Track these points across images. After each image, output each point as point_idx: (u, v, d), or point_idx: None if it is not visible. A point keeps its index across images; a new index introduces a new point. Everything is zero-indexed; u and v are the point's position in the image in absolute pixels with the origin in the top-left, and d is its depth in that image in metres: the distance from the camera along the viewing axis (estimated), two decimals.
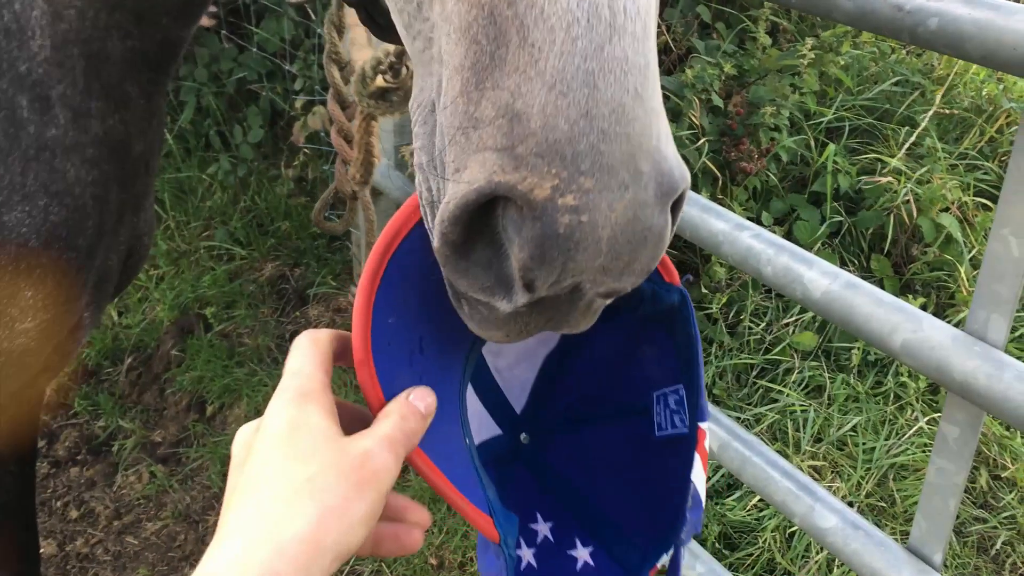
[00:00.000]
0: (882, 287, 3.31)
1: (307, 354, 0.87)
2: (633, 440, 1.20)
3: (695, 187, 3.30)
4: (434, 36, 0.79)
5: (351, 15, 2.00)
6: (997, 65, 1.48)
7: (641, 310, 1.11)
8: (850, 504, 2.89)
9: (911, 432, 3.05)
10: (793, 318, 3.29)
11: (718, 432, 2.18)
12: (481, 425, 1.19)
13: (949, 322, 3.20)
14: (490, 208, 0.74)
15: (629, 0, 0.72)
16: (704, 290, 3.33)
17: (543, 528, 1.22)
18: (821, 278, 1.84)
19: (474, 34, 0.73)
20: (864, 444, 3.03)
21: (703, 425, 1.14)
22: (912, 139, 3.52)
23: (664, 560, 1.17)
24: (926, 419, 3.07)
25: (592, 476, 1.24)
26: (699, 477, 1.14)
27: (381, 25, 1.15)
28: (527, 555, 1.18)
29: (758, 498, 2.83)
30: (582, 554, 1.21)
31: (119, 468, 3.18)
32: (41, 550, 2.60)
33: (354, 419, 0.89)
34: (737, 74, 3.60)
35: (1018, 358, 3.25)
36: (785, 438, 3.05)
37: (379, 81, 1.48)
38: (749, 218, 3.33)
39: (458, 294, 0.84)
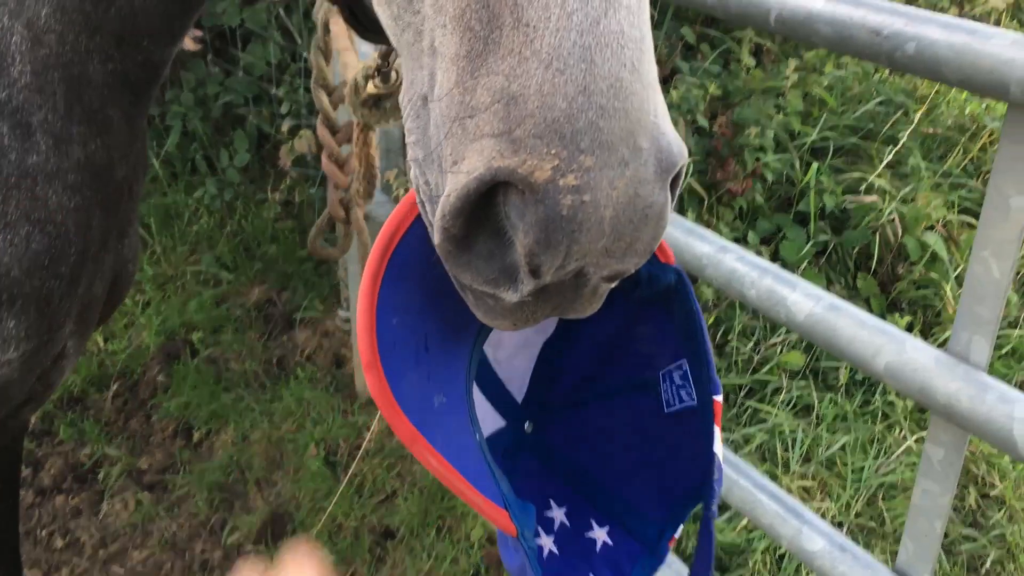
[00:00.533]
0: (869, 306, 3.32)
1: None
2: (639, 418, 1.20)
3: (681, 209, 3.31)
4: (425, 28, 0.79)
5: (337, 40, 2.01)
6: (974, 89, 1.49)
7: (638, 293, 1.11)
8: (839, 525, 2.89)
9: (899, 451, 3.05)
10: (780, 338, 3.30)
11: None
12: (485, 418, 1.20)
13: (936, 341, 3.22)
14: (491, 197, 0.74)
15: None
16: None
17: (558, 514, 1.23)
18: (804, 300, 1.85)
19: (468, 20, 0.73)
20: (853, 463, 3.03)
21: (717, 398, 1.15)
22: (891, 156, 3.54)
23: (680, 531, 1.18)
24: (914, 438, 3.08)
25: (599, 456, 1.24)
26: (719, 448, 1.15)
27: (364, 24, 1.15)
28: (547, 543, 1.19)
29: (748, 520, 2.82)
30: (599, 535, 1.22)
31: (105, 496, 3.15)
32: None
33: None
34: (722, 95, 3.62)
35: (1004, 375, 3.27)
36: (774, 458, 3.05)
37: (370, 88, 1.49)
38: (735, 238, 3.34)
39: (463, 286, 0.83)
